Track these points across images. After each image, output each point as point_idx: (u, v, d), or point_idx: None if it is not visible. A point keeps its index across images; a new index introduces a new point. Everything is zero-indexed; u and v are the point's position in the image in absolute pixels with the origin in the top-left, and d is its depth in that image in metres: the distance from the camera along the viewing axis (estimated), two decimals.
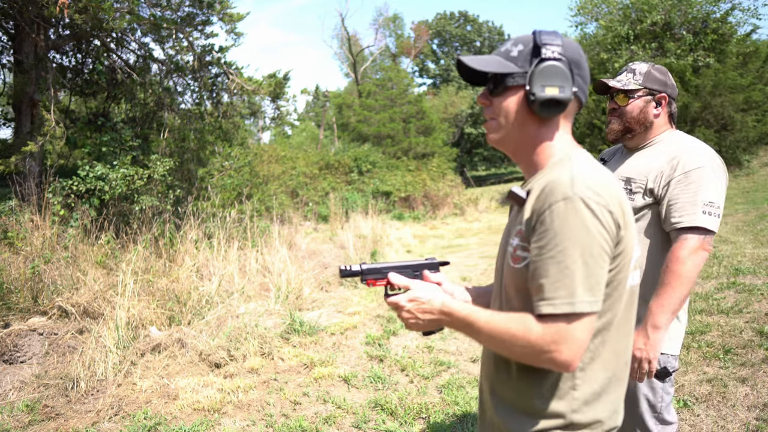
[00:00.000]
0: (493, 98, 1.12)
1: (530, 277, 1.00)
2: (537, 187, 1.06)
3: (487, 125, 1.16)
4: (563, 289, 0.94)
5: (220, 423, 3.08)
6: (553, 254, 0.95)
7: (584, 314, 0.95)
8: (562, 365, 0.96)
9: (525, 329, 0.97)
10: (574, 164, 1.04)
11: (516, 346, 0.99)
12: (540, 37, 1.06)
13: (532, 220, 1.01)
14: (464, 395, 3.32)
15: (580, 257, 0.94)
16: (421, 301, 1.12)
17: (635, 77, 1.84)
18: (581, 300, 0.94)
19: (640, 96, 1.83)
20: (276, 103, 8.88)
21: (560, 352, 0.94)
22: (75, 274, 4.63)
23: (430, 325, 1.14)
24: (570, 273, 0.94)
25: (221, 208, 7.22)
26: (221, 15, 7.44)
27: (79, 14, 5.76)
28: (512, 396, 1.11)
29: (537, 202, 1.01)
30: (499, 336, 1.01)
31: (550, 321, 0.95)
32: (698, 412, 2.85)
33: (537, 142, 1.10)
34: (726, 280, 5.01)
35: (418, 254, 9.12)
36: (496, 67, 1.09)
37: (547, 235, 0.96)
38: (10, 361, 3.74)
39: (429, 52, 41.45)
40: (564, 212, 0.95)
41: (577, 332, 0.95)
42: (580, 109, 1.14)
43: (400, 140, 20.47)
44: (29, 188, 5.74)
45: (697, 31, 14.91)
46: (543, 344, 0.95)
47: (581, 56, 1.09)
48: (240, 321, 4.26)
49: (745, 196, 10.58)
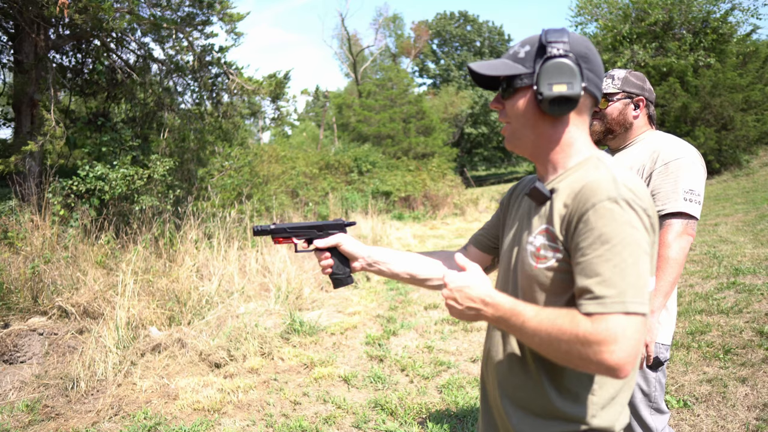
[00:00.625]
0: (504, 102, 1.12)
1: (576, 277, 0.96)
2: (566, 186, 1.04)
3: (503, 130, 1.15)
4: (613, 287, 0.90)
5: (220, 423, 3.08)
6: (600, 253, 0.92)
7: (636, 314, 0.90)
8: (612, 368, 0.89)
9: (573, 324, 0.91)
10: (610, 166, 1.02)
11: (563, 342, 0.92)
12: (546, 35, 1.05)
13: (571, 220, 0.98)
14: (464, 395, 3.32)
15: (630, 256, 0.91)
16: (466, 288, 1.06)
17: (614, 82, 1.95)
18: (632, 300, 0.90)
19: (619, 99, 1.94)
20: (276, 103, 8.88)
21: (611, 353, 0.88)
22: (75, 274, 4.63)
23: (468, 315, 1.07)
24: (620, 272, 0.90)
25: (221, 208, 7.23)
26: (221, 15, 7.44)
27: (79, 14, 5.76)
28: (528, 400, 1.08)
29: (575, 202, 0.98)
30: (546, 331, 0.94)
31: (599, 320, 0.90)
32: (698, 412, 2.85)
33: (554, 141, 1.09)
34: (726, 280, 5.01)
35: None
36: (503, 70, 1.08)
37: (592, 234, 0.93)
38: (10, 361, 3.74)
39: (429, 52, 41.44)
40: (610, 212, 0.93)
41: (629, 331, 0.89)
42: (596, 104, 1.12)
43: (400, 140, 20.47)
44: (29, 188, 5.74)
45: (697, 30, 14.92)
46: (593, 341, 0.89)
47: (590, 50, 1.07)
48: (240, 321, 4.26)
49: (745, 196, 10.58)
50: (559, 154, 1.09)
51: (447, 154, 21.48)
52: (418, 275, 1.41)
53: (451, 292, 1.07)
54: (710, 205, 10.04)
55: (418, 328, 4.73)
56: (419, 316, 5.12)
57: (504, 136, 1.16)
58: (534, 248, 1.06)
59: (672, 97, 14.01)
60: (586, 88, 1.06)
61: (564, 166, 1.09)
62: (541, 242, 1.05)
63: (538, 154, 1.12)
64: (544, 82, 1.03)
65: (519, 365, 1.10)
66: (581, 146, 1.09)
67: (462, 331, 4.61)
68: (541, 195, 1.07)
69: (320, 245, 1.42)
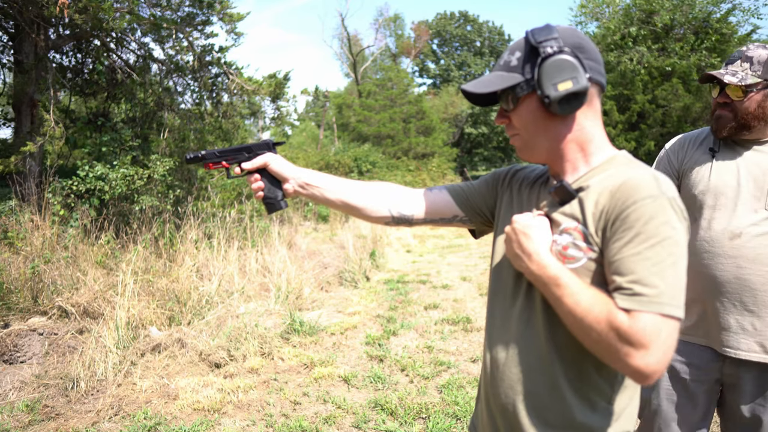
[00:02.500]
0: (509, 115, 1.08)
1: (612, 276, 0.92)
2: (598, 184, 1.00)
3: (513, 141, 1.10)
4: (651, 287, 0.87)
5: (220, 423, 3.08)
6: (639, 251, 0.88)
7: (672, 317, 0.86)
8: (642, 373, 0.86)
9: (610, 317, 0.87)
10: (645, 165, 0.99)
11: (594, 331, 0.89)
12: (533, 37, 1.00)
13: (608, 218, 0.94)
14: (464, 395, 3.32)
15: (669, 257, 0.88)
16: (522, 236, 1.02)
17: (753, 68, 1.58)
18: (670, 302, 0.86)
19: (759, 89, 1.58)
20: (276, 103, 8.87)
21: (642, 357, 0.85)
22: (75, 274, 4.63)
23: (515, 260, 1.04)
24: (659, 271, 0.87)
25: (221, 208, 7.23)
26: (221, 15, 7.43)
27: (79, 14, 5.76)
28: (542, 407, 1.04)
29: (613, 200, 0.94)
30: (581, 314, 0.90)
31: (636, 317, 0.86)
32: None
33: (570, 140, 1.05)
34: None
35: (418, 254, 9.12)
36: (499, 84, 1.03)
37: (631, 232, 0.90)
38: (10, 361, 3.74)
39: (429, 52, 41.45)
40: (652, 210, 0.89)
41: (663, 335, 0.85)
42: (603, 91, 1.07)
43: (400, 140, 20.48)
44: (29, 188, 5.74)
45: (698, 31, 14.92)
46: (626, 340, 0.85)
47: (582, 39, 1.03)
48: (240, 321, 4.26)
49: None
50: (578, 153, 1.05)
51: (447, 154, 21.50)
52: (353, 204, 1.30)
53: (513, 230, 1.04)
54: None
55: (418, 328, 4.73)
56: (419, 316, 5.12)
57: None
58: (560, 247, 1.01)
59: (674, 97, 14.02)
60: (591, 78, 1.01)
61: (588, 164, 1.05)
62: (568, 241, 1.00)
63: (555, 156, 1.07)
64: (548, 84, 0.98)
65: (539, 372, 1.05)
66: (600, 142, 1.06)
67: (462, 331, 4.61)
68: (568, 193, 1.02)
69: (247, 167, 1.35)
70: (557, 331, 1.02)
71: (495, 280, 1.18)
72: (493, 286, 1.18)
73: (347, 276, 6.50)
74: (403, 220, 1.31)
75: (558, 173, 1.08)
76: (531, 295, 1.07)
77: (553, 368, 1.03)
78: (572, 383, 1.02)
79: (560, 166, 1.07)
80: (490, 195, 1.27)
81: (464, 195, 1.29)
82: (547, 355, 1.03)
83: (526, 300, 1.08)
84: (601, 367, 1.01)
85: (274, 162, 1.33)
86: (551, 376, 1.03)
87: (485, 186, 1.28)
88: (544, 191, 1.11)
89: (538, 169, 1.21)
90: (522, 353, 1.07)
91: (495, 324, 1.15)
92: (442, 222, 1.31)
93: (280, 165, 1.33)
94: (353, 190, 1.31)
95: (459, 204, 1.28)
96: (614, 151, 1.06)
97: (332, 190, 1.31)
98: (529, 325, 1.06)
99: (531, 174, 1.20)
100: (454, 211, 1.29)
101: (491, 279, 1.20)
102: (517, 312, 1.09)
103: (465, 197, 1.29)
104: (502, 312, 1.13)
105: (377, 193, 1.32)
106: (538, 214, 1.07)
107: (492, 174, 1.29)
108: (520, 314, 1.08)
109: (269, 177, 1.35)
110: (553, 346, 1.03)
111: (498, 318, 1.14)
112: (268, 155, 1.34)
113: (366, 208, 1.31)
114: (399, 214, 1.31)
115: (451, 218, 1.30)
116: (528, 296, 1.07)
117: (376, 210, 1.31)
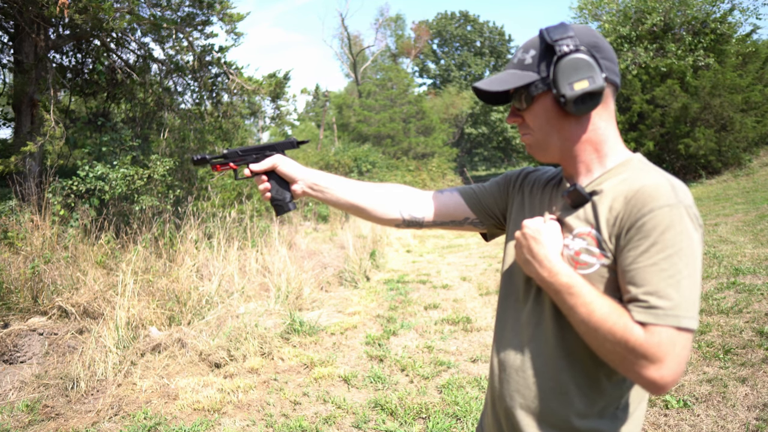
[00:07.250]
0: (522, 114, 1.05)
1: (627, 285, 0.90)
2: (612, 188, 0.97)
3: (525, 141, 1.08)
4: (667, 299, 0.85)
5: (220, 423, 3.08)
6: (655, 261, 0.87)
7: (687, 330, 0.85)
8: (656, 385, 0.85)
9: (625, 330, 0.86)
10: (661, 170, 0.97)
11: (608, 342, 0.88)
12: (549, 34, 0.98)
13: (623, 225, 0.92)
14: (464, 395, 3.32)
15: (685, 268, 0.86)
16: (533, 240, 1.01)
17: None
18: (685, 315, 0.85)
19: None
20: (276, 102, 8.87)
21: (657, 370, 0.84)
22: (75, 274, 4.63)
23: (525, 265, 1.02)
24: (675, 283, 0.86)
25: (221, 208, 7.23)
26: (221, 15, 7.44)
27: (79, 14, 5.76)
28: (550, 412, 1.03)
29: (628, 207, 0.92)
30: (595, 325, 0.89)
31: (652, 331, 0.85)
32: (698, 412, 2.85)
33: (584, 140, 1.02)
34: (726, 280, 5.01)
35: (418, 254, 9.12)
36: (514, 82, 1.01)
37: (647, 241, 0.88)
38: (10, 361, 3.74)
39: (429, 52, 41.45)
40: (669, 219, 0.87)
41: (678, 348, 0.84)
42: (617, 91, 1.04)
43: (400, 140, 20.49)
44: (29, 188, 5.74)
45: (697, 31, 14.93)
46: (640, 354, 0.85)
47: (597, 38, 1.00)
48: (240, 321, 4.26)
49: (745, 196, 10.58)
50: (592, 154, 1.03)
51: (447, 154, 21.51)
52: (363, 206, 1.29)
53: (524, 235, 1.03)
54: (710, 205, 10.04)
55: (418, 328, 4.73)
56: (419, 316, 5.12)
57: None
58: (572, 252, 0.99)
59: (671, 98, 14.01)
60: (607, 78, 0.99)
61: (603, 166, 1.02)
62: (581, 246, 0.98)
63: (568, 157, 1.05)
64: (564, 83, 0.95)
65: (548, 378, 1.03)
66: (615, 143, 1.03)
67: (462, 331, 4.61)
68: (582, 197, 1.00)
69: (255, 169, 1.33)
70: (567, 337, 1.00)
71: (506, 284, 1.16)
72: (504, 289, 1.16)
73: (347, 276, 6.50)
74: (414, 222, 1.30)
75: (572, 174, 1.06)
76: (540, 299, 1.05)
77: (562, 373, 1.01)
78: (581, 389, 1.00)
79: (574, 167, 1.05)
80: (501, 197, 1.25)
81: (476, 197, 1.27)
82: (555, 360, 1.02)
83: (535, 304, 1.06)
84: (612, 374, 0.99)
85: (283, 163, 1.31)
86: (559, 381, 1.01)
87: (497, 188, 1.26)
88: (557, 194, 1.09)
89: (550, 171, 1.19)
90: (530, 357, 1.06)
91: (504, 327, 1.13)
92: (452, 225, 1.30)
93: (289, 166, 1.31)
94: (363, 192, 1.30)
95: (470, 206, 1.27)
96: (629, 154, 1.03)
97: (342, 191, 1.29)
98: (538, 330, 1.05)
99: (543, 176, 1.18)
100: (465, 213, 1.27)
101: (502, 282, 1.18)
102: (526, 316, 1.07)
103: (477, 199, 1.27)
104: (512, 315, 1.12)
105: (388, 195, 1.30)
106: (550, 218, 1.06)
107: (503, 176, 1.28)
108: (529, 318, 1.07)
109: (277, 178, 1.33)
110: (562, 351, 1.01)
111: (507, 321, 1.13)
112: (277, 157, 1.32)
113: (376, 210, 1.29)
114: (410, 216, 1.29)
115: (462, 221, 1.28)
116: (537, 300, 1.06)
117: (387, 212, 1.29)
